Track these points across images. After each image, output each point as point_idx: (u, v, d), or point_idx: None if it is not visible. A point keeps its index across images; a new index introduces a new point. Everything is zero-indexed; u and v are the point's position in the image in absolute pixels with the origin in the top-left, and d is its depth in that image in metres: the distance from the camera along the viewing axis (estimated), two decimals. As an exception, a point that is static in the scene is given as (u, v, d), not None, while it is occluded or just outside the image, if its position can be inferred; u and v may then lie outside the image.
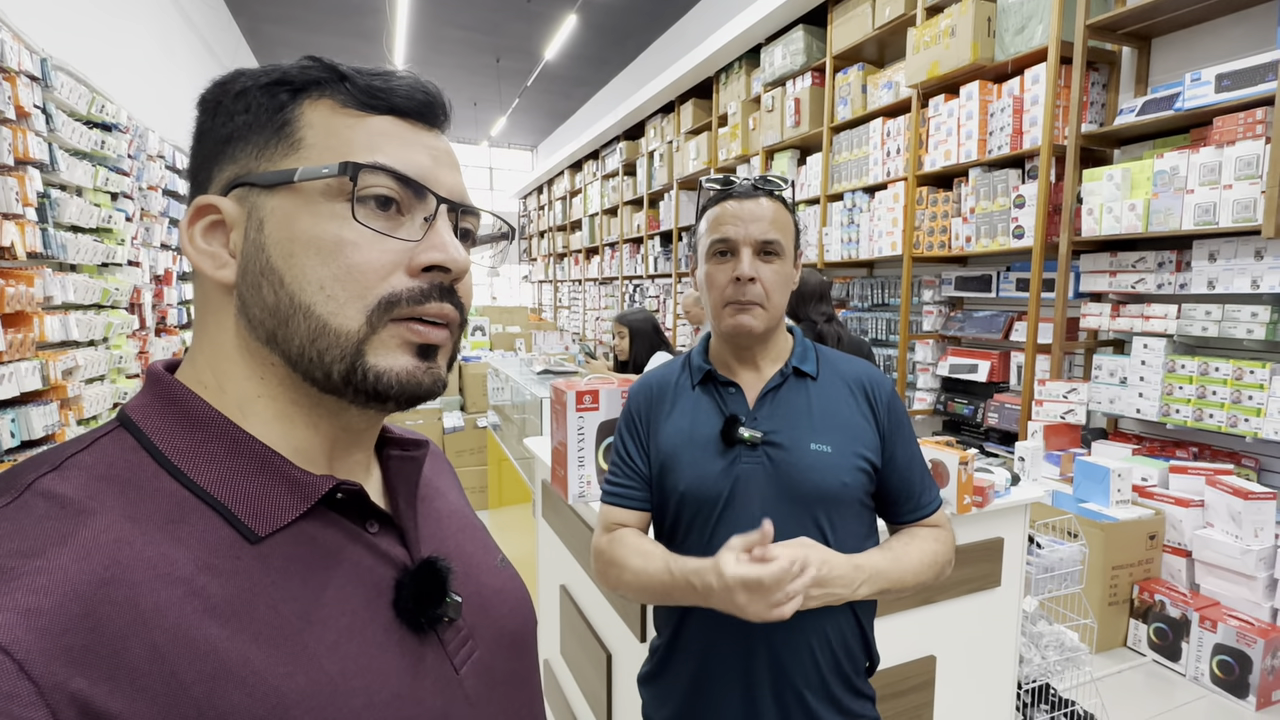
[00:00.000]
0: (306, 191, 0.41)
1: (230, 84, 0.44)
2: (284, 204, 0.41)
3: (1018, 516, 1.68)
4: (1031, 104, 3.20)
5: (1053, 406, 3.14)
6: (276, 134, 0.42)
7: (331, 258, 0.41)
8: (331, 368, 0.41)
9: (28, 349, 2.27)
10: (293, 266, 0.41)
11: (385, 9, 6.96)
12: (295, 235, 0.41)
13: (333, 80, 0.43)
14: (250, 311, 0.42)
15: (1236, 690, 2.31)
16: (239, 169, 0.43)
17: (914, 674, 1.56)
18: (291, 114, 0.42)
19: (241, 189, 0.42)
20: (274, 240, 0.41)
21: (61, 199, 2.58)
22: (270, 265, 0.41)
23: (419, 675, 0.44)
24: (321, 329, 0.41)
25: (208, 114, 0.44)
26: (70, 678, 0.31)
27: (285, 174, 0.41)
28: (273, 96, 0.43)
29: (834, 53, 4.42)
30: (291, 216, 0.41)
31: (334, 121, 0.43)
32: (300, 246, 0.41)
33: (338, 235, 0.41)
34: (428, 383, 0.44)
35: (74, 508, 0.36)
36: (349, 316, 0.41)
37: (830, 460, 0.95)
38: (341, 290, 0.41)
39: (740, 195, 0.98)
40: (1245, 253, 2.54)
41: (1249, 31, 2.69)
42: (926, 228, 3.75)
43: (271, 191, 0.42)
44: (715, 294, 0.98)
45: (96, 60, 3.25)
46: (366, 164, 0.41)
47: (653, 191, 7.34)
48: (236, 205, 0.43)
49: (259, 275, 0.42)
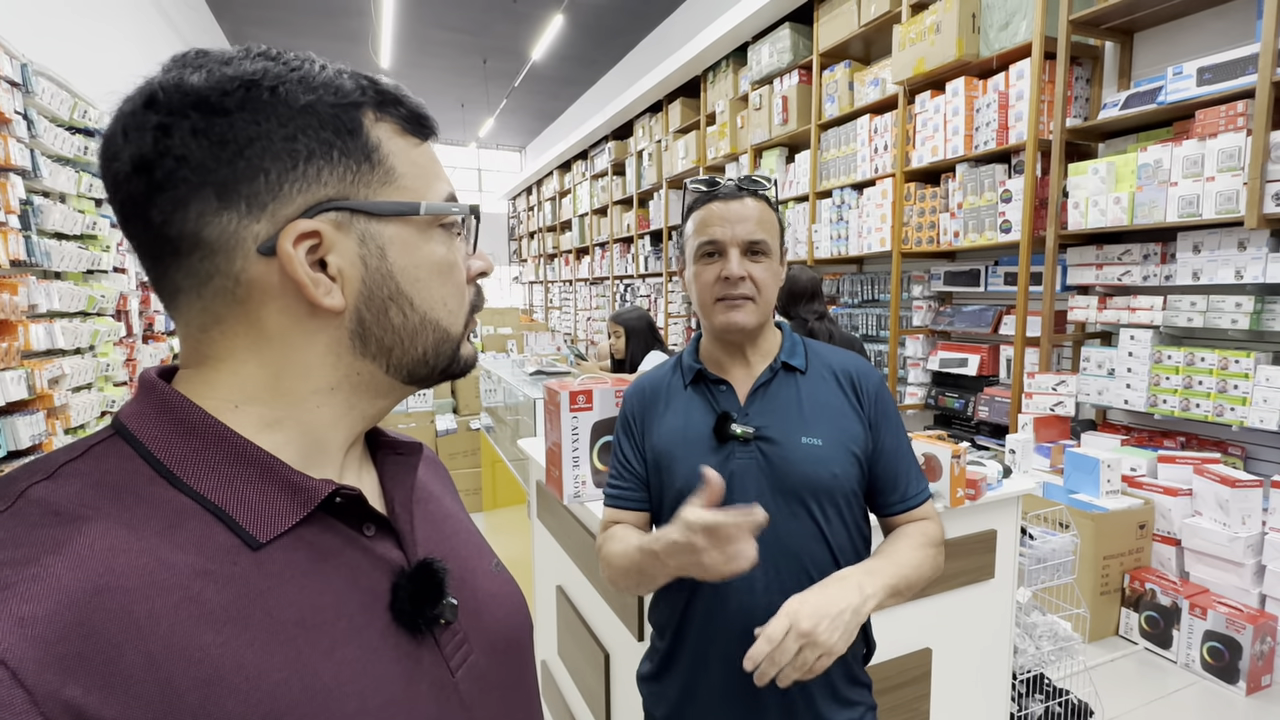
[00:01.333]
0: (419, 222, 0.46)
1: (276, 88, 0.40)
2: (404, 234, 0.45)
3: (1010, 509, 1.69)
4: (1016, 99, 3.22)
5: (1042, 399, 3.17)
6: (367, 161, 0.43)
7: (447, 278, 0.48)
8: (440, 364, 0.49)
9: (13, 358, 2.24)
10: (420, 290, 0.46)
11: (370, 11, 6.92)
12: (420, 262, 0.46)
13: (387, 102, 0.45)
14: (370, 332, 0.45)
15: (1227, 676, 2.34)
16: (329, 192, 0.42)
17: (910, 667, 1.57)
18: (373, 140, 0.44)
19: (338, 214, 0.42)
20: (400, 267, 0.45)
21: (45, 205, 2.55)
22: (400, 290, 0.45)
23: (414, 679, 0.44)
24: (445, 336, 0.48)
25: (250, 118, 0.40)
26: (64, 686, 0.31)
27: (409, 206, 0.45)
28: (347, 116, 0.43)
29: (820, 50, 4.44)
30: (412, 245, 0.45)
31: (409, 152, 0.46)
32: (425, 272, 0.46)
33: (449, 259, 0.48)
34: (475, 360, 0.53)
35: (68, 515, 0.36)
36: (458, 322, 0.49)
37: (821, 453, 0.96)
38: (455, 304, 0.49)
39: (726, 196, 0.99)
40: (1229, 244, 2.57)
41: (1229, 25, 2.72)
42: (915, 223, 3.77)
43: (386, 220, 0.44)
44: (704, 292, 1.00)
45: (78, 65, 3.21)
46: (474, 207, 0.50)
47: (642, 191, 7.34)
48: (335, 230, 0.42)
49: (387, 300, 0.45)
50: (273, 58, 0.42)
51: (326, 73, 0.43)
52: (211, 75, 0.39)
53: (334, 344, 0.44)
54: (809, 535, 0.96)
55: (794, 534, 0.96)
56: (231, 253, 0.40)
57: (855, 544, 1.00)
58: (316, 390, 0.44)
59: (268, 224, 0.40)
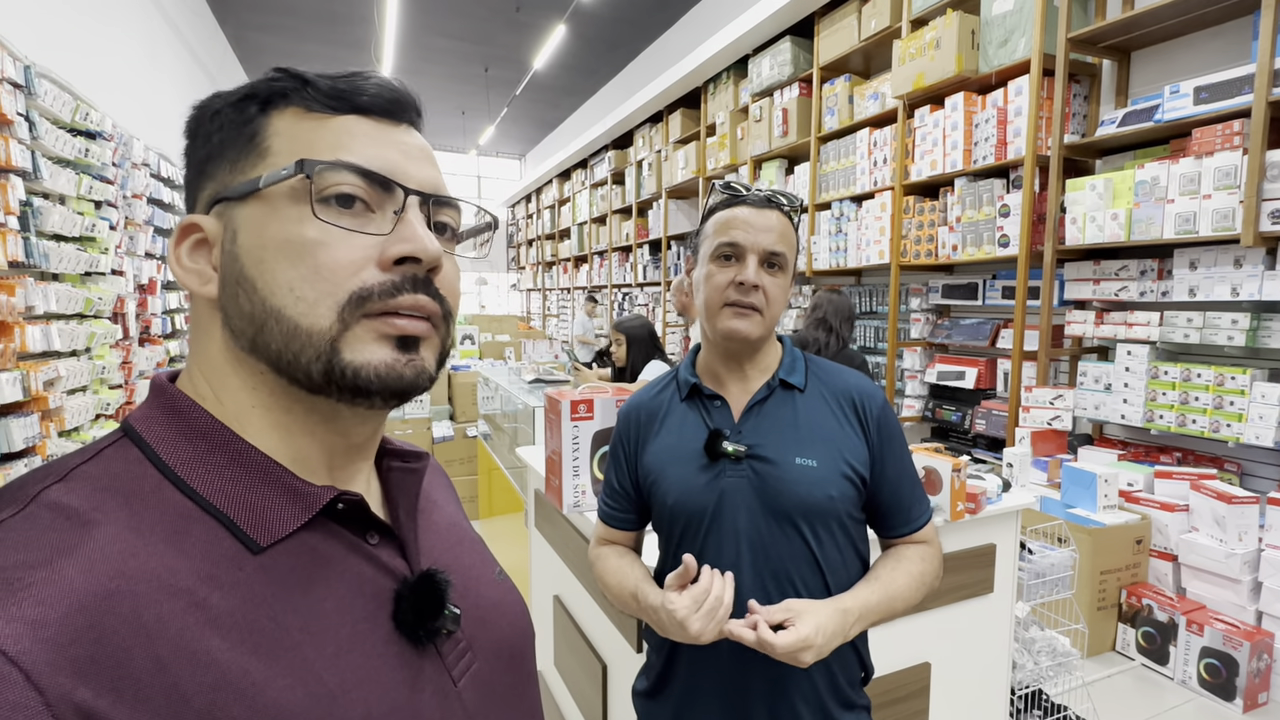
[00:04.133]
0: (272, 197, 0.41)
1: (206, 106, 0.45)
2: (254, 213, 0.42)
3: (1009, 523, 1.69)
4: (1015, 115, 3.25)
5: (1039, 413, 3.17)
6: (246, 146, 0.43)
7: (299, 259, 0.41)
8: (310, 368, 0.41)
9: (8, 359, 2.23)
10: (264, 273, 0.41)
11: (374, 18, 6.96)
12: (265, 241, 0.41)
13: (298, 88, 0.44)
14: (232, 322, 0.43)
15: (1224, 693, 2.34)
16: (217, 186, 0.44)
17: (908, 681, 1.56)
18: (259, 125, 0.43)
19: (220, 205, 0.43)
20: (245, 249, 0.42)
21: (44, 207, 2.54)
22: (244, 274, 0.41)
23: (417, 688, 0.44)
24: (294, 331, 0.41)
25: (190, 138, 0.45)
26: (75, 688, 0.31)
27: (252, 182, 0.42)
28: (242, 111, 0.44)
29: (821, 64, 4.47)
30: (261, 224, 0.41)
31: (299, 126, 0.43)
32: (270, 252, 0.41)
33: (302, 235, 0.41)
34: (410, 375, 0.43)
35: (80, 519, 0.36)
36: (320, 315, 0.41)
37: (816, 474, 0.94)
38: (310, 290, 0.41)
39: (754, 203, 0.97)
40: (1225, 261, 2.59)
41: (1226, 45, 2.75)
42: (913, 236, 3.79)
43: (243, 202, 0.42)
44: (714, 294, 0.97)
45: (81, 67, 3.22)
46: (326, 161, 0.41)
47: (641, 200, 7.36)
48: (216, 221, 0.43)
49: (235, 285, 0.42)
50: None
51: (261, 80, 0.45)
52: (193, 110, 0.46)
53: (226, 338, 0.43)
54: (800, 557, 0.94)
55: (784, 555, 0.94)
56: None
57: (849, 566, 0.98)
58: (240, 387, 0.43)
59: None
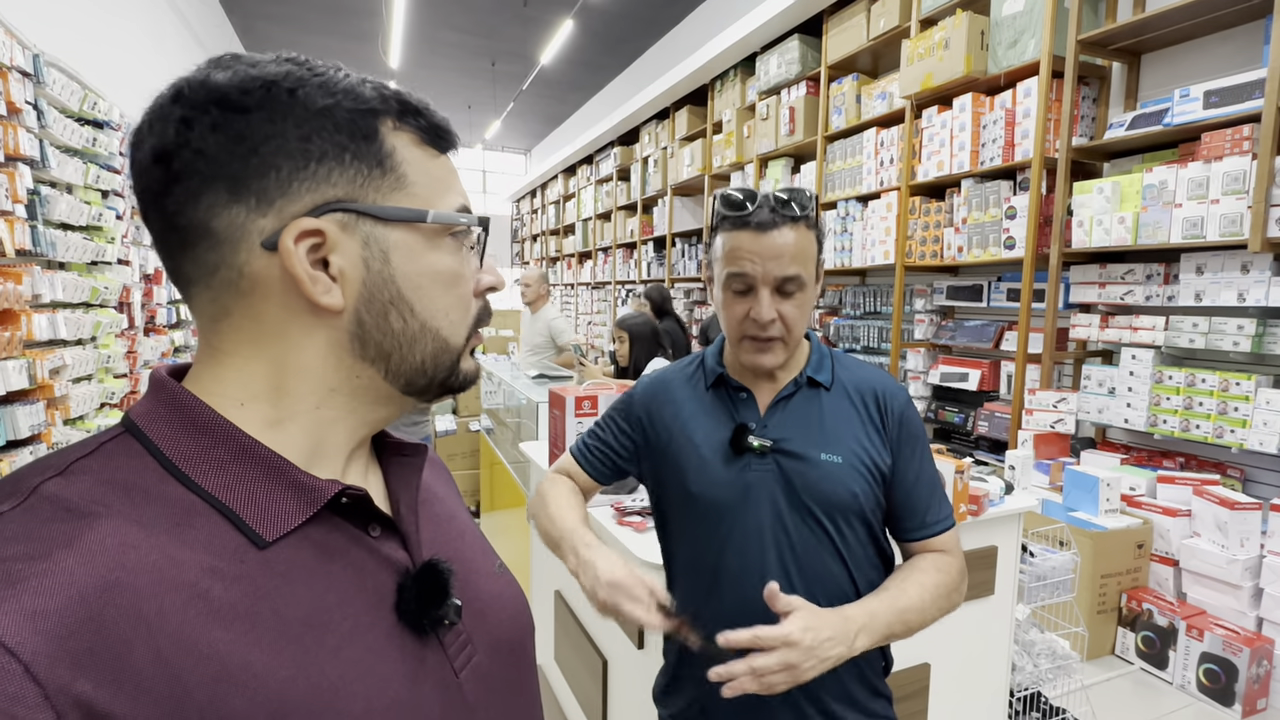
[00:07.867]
0: (427, 230, 0.46)
1: (295, 90, 0.41)
2: (408, 240, 0.45)
3: (1011, 525, 1.69)
4: (1023, 117, 3.24)
5: (1042, 416, 3.17)
6: (380, 167, 0.44)
7: (451, 288, 0.48)
8: (438, 375, 0.48)
9: (14, 347, 2.24)
10: (422, 298, 0.46)
11: (381, 11, 6.96)
12: (422, 269, 0.46)
13: (407, 113, 0.46)
14: (369, 335, 0.45)
15: (1223, 699, 2.34)
16: (338, 193, 0.42)
17: (908, 682, 1.57)
18: (387, 147, 0.44)
19: (344, 215, 0.43)
20: (402, 274, 0.45)
21: (52, 196, 2.55)
22: (401, 296, 0.45)
23: (419, 679, 0.44)
24: (444, 347, 0.48)
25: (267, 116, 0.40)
26: (75, 680, 0.31)
27: (416, 213, 0.45)
28: (363, 122, 0.43)
29: (829, 63, 4.46)
30: (416, 252, 0.46)
31: (425, 162, 0.47)
32: (428, 279, 0.46)
33: (454, 270, 0.48)
34: (477, 375, 0.53)
35: (79, 512, 0.36)
36: (460, 334, 0.49)
37: (840, 471, 0.94)
38: (458, 315, 0.48)
39: (759, 225, 0.91)
40: (1232, 266, 2.58)
41: (1236, 49, 2.74)
42: (919, 237, 3.78)
43: (391, 225, 0.44)
44: (733, 326, 0.96)
45: (89, 57, 3.22)
46: (482, 216, 0.49)
47: (647, 197, 7.35)
48: (340, 231, 0.43)
49: (387, 304, 0.45)
50: (299, 63, 0.43)
51: (349, 80, 0.44)
52: (236, 75, 0.41)
53: (333, 344, 0.44)
54: (825, 551, 0.94)
55: (809, 550, 0.94)
56: (237, 245, 0.41)
57: (873, 563, 0.98)
58: (315, 390, 0.45)
59: (274, 219, 0.41)
